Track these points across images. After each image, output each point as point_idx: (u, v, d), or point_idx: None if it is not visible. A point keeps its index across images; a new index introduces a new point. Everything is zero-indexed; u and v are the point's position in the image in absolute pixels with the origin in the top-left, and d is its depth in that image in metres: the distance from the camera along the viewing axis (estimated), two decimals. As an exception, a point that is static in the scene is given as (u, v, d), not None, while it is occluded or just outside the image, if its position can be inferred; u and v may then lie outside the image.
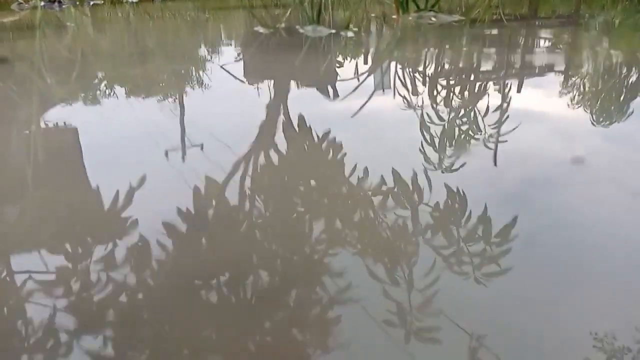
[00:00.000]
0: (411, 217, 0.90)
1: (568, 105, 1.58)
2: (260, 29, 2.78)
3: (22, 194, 1.02)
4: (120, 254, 0.80)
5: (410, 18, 3.08)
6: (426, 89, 1.75)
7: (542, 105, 1.58)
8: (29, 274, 0.75)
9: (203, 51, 2.51)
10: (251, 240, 0.85)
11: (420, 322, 0.65)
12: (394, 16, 3.19)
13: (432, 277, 0.73)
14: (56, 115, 1.48)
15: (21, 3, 3.49)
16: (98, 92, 1.77)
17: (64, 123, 1.40)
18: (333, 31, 2.73)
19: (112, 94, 1.73)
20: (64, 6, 3.50)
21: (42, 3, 3.51)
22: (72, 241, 0.84)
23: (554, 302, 0.68)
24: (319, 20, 2.79)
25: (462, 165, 1.11)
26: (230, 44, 2.80)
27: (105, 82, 1.92)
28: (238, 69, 2.18)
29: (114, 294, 0.70)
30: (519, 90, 1.74)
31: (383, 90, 1.73)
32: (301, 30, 2.71)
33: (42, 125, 1.40)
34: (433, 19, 3.06)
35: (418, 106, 1.52)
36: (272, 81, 1.90)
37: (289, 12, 3.43)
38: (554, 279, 0.72)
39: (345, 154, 1.17)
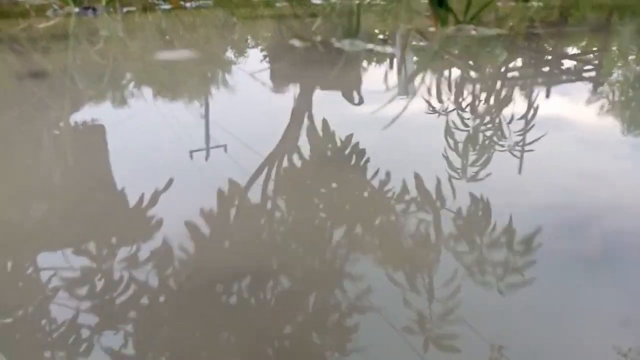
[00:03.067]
0: (433, 224, 0.90)
1: (598, 113, 1.54)
2: (296, 43, 2.73)
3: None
4: (144, 253, 0.81)
5: (448, 31, 3.02)
6: (469, 106, 1.73)
7: (575, 113, 1.55)
8: (54, 270, 0.77)
9: (243, 67, 2.49)
10: (273, 243, 0.85)
11: (440, 329, 0.64)
12: (431, 29, 3.13)
13: (454, 285, 0.72)
14: (85, 116, 1.51)
15: (56, 9, 3.59)
16: (126, 92, 1.82)
17: (92, 122, 1.43)
18: (371, 45, 2.66)
19: (141, 97, 1.76)
20: (97, 13, 3.59)
21: (77, 9, 3.60)
22: (97, 240, 0.85)
23: (577, 314, 0.66)
24: (357, 34, 2.74)
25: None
26: (263, 56, 2.77)
27: (135, 86, 1.96)
28: (266, 78, 2.19)
29: (136, 294, 0.72)
30: (548, 98, 1.71)
31: (432, 110, 1.73)
32: (337, 44, 2.66)
33: (72, 126, 1.44)
34: (473, 32, 3.01)
35: (467, 126, 1.47)
36: (312, 99, 1.91)
37: (318, 22, 3.43)
38: (577, 291, 0.71)
39: (368, 159, 1.17)
